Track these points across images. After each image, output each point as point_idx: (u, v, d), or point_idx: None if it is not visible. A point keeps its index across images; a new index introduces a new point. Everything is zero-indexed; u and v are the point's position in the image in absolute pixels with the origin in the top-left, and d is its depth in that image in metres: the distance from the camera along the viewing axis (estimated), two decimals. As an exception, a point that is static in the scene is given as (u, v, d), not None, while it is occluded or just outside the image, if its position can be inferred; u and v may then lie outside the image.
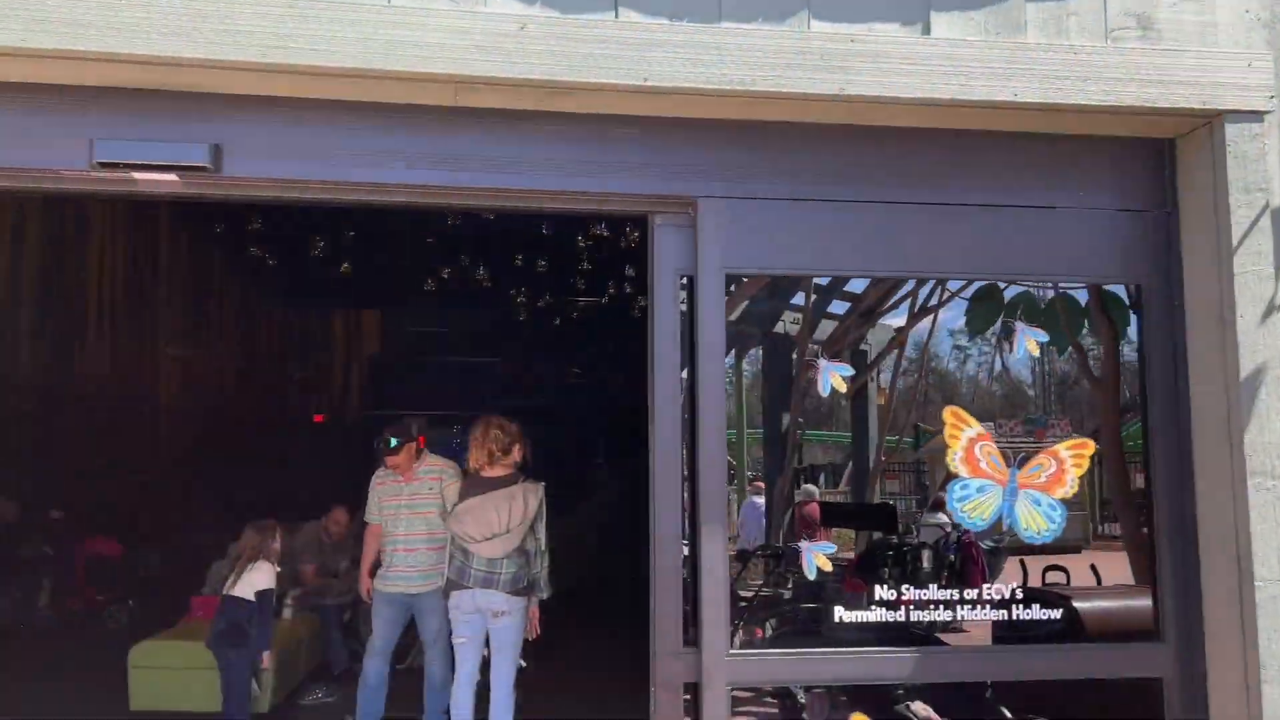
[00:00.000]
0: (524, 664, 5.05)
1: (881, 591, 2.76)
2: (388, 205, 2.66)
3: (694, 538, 2.60)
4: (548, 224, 14.84)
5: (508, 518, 4.88)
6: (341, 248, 16.77)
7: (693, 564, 2.59)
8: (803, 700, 3.61)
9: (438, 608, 5.51)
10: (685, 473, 2.66)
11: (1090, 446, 2.83)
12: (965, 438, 2.77)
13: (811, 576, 2.73)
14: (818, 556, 2.71)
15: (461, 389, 21.02)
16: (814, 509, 9.87)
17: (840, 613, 2.71)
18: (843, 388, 2.74)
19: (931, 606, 2.90)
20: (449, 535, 5.25)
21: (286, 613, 6.65)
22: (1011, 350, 2.86)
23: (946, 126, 2.76)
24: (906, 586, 2.76)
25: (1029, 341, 2.91)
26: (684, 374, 2.69)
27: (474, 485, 5.06)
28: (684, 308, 2.69)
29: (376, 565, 5.64)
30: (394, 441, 5.53)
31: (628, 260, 16.65)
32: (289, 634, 6.34)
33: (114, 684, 6.69)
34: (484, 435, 5.13)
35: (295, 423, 23.14)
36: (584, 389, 23.43)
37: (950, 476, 2.78)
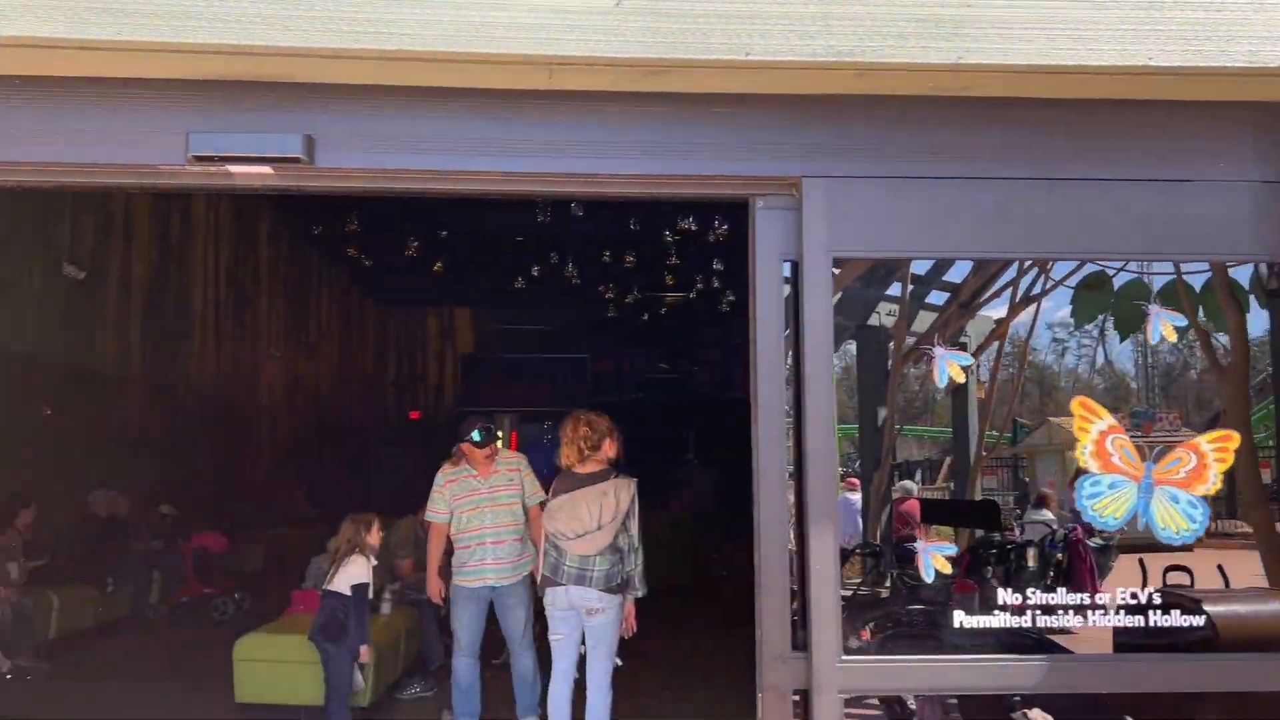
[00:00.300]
0: (620, 662, 4.97)
1: (1005, 595, 2.58)
2: (480, 194, 2.59)
3: (801, 536, 2.47)
4: (636, 219, 14.86)
5: (599, 514, 4.80)
6: (435, 247, 17.03)
7: (800, 564, 2.47)
8: (912, 705, 3.46)
9: (523, 599, 5.63)
10: (790, 468, 2.53)
11: (1235, 439, 2.60)
12: (1096, 430, 2.57)
13: (930, 579, 2.58)
14: (936, 558, 2.55)
15: (551, 385, 21.20)
16: (912, 506, 9.57)
17: (960, 617, 2.54)
18: (961, 377, 2.57)
19: (1057, 611, 2.70)
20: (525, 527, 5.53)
21: (385, 607, 6.71)
22: (1146, 337, 2.64)
23: (1071, 96, 2.56)
24: (1032, 590, 2.57)
25: (1165, 326, 2.68)
26: (788, 364, 2.56)
27: (565, 482, 5.00)
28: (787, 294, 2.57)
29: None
30: (481, 435, 5.54)
31: (715, 254, 16.57)
32: (387, 629, 6.39)
33: (221, 676, 6.88)
34: (574, 431, 5.05)
35: (392, 419, 23.62)
36: (672, 384, 23.40)
37: (1080, 472, 2.59)
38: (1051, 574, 7.66)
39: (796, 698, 2.56)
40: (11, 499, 8.05)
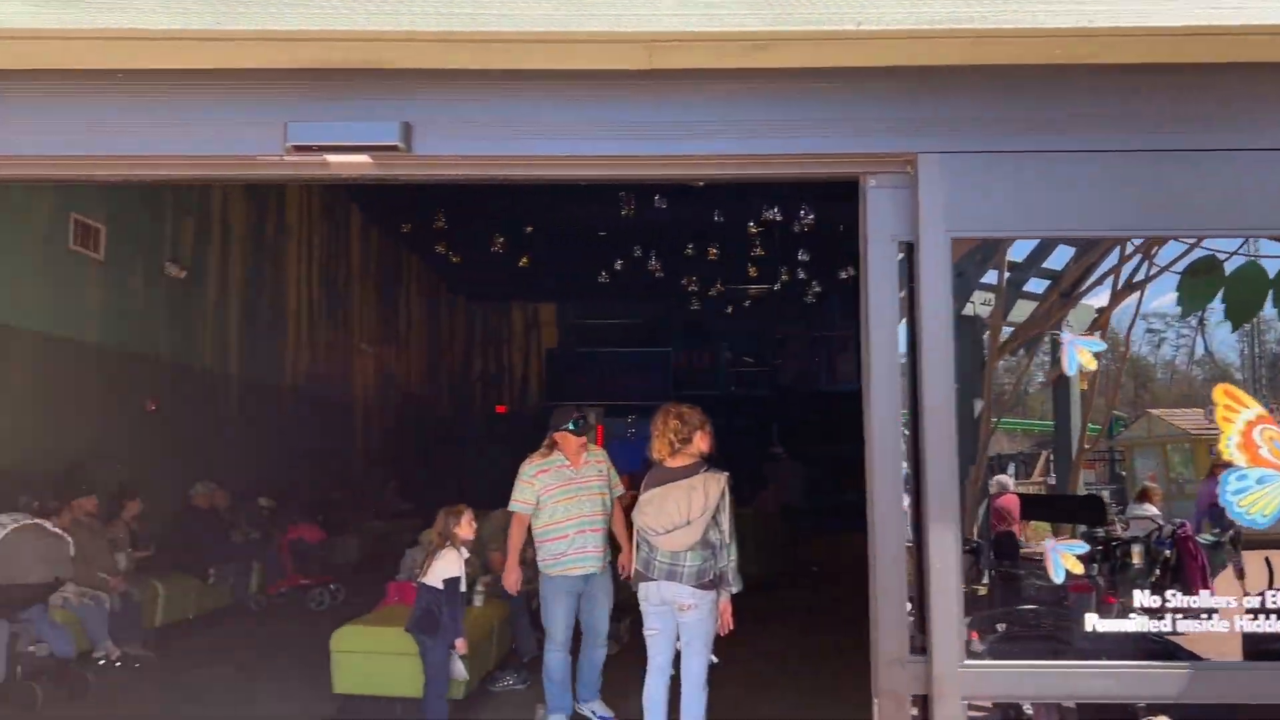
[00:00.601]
0: (716, 659, 4.88)
1: (1142, 598, 2.41)
2: (578, 180, 2.52)
3: (919, 532, 2.34)
4: (720, 210, 14.70)
5: (688, 510, 4.70)
6: (519, 242, 17.13)
7: (918, 561, 2.34)
8: (1028, 710, 3.29)
9: (609, 591, 5.75)
10: (906, 462, 2.40)
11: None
12: (1242, 420, 2.38)
13: (1059, 580, 2.42)
14: (1066, 557, 2.39)
15: (635, 379, 21.19)
16: (1010, 501, 9.22)
17: (1094, 621, 2.38)
18: (1092, 365, 2.40)
19: (1189, 614, 2.52)
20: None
21: (477, 600, 6.73)
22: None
23: (1219, 60, 2.36)
24: (1172, 592, 2.39)
25: (1293, 314, 2.47)
26: (902, 352, 2.43)
27: (655, 476, 4.92)
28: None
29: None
30: (577, 425, 5.58)
31: (801, 244, 16.32)
32: (480, 621, 6.40)
33: (320, 665, 6.99)
34: (664, 424, 4.95)
35: (478, 414, 23.91)
36: (756, 377, 23.17)
37: (1221, 465, 2.40)
38: (1159, 572, 7.33)
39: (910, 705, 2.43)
40: (119, 491, 8.31)
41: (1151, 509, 10.99)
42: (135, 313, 9.25)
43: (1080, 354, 2.39)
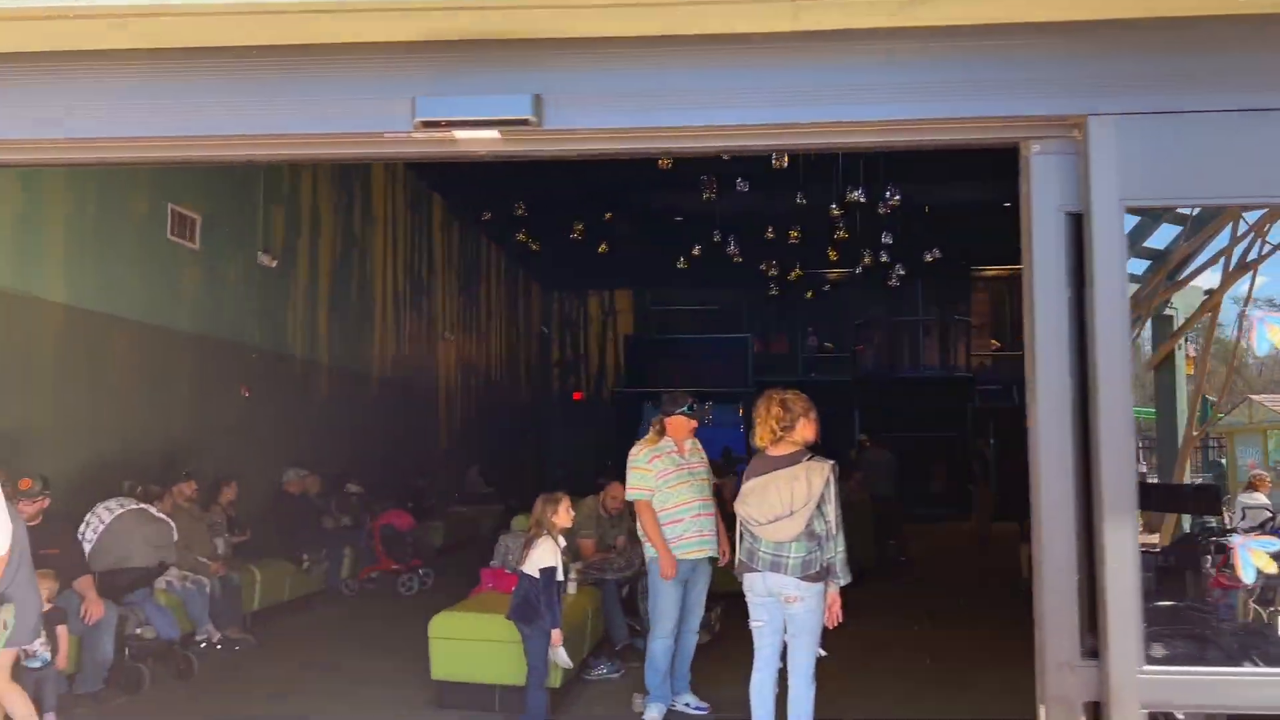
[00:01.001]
0: (824, 653, 4.73)
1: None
2: (715, 152, 2.39)
3: (1091, 527, 2.17)
4: (803, 193, 14.44)
5: (790, 499, 4.53)
6: (598, 229, 17.09)
7: (1088, 559, 2.17)
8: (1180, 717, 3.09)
9: (709, 576, 5.74)
10: (1074, 450, 2.22)
11: None
12: None
13: (1249, 580, 2.23)
14: (1256, 554, 2.20)
15: (714, 365, 21.03)
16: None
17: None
18: (1283, 344, 2.21)
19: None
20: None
21: (570, 587, 6.67)
22: None
23: None
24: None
25: None
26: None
27: (757, 465, 4.78)
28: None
29: None
30: (691, 408, 5.54)
31: (885, 228, 15.97)
32: (574, 609, 6.34)
33: (414, 650, 7.03)
34: (766, 411, 4.78)
35: (556, 400, 24.01)
36: (837, 363, 22.83)
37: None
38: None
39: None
40: (217, 476, 8.46)
41: (1262, 498, 10.49)
42: (229, 301, 9.39)
43: (1271, 331, 2.19)
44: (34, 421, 6.76)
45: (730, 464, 13.21)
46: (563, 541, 5.45)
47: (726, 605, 8.27)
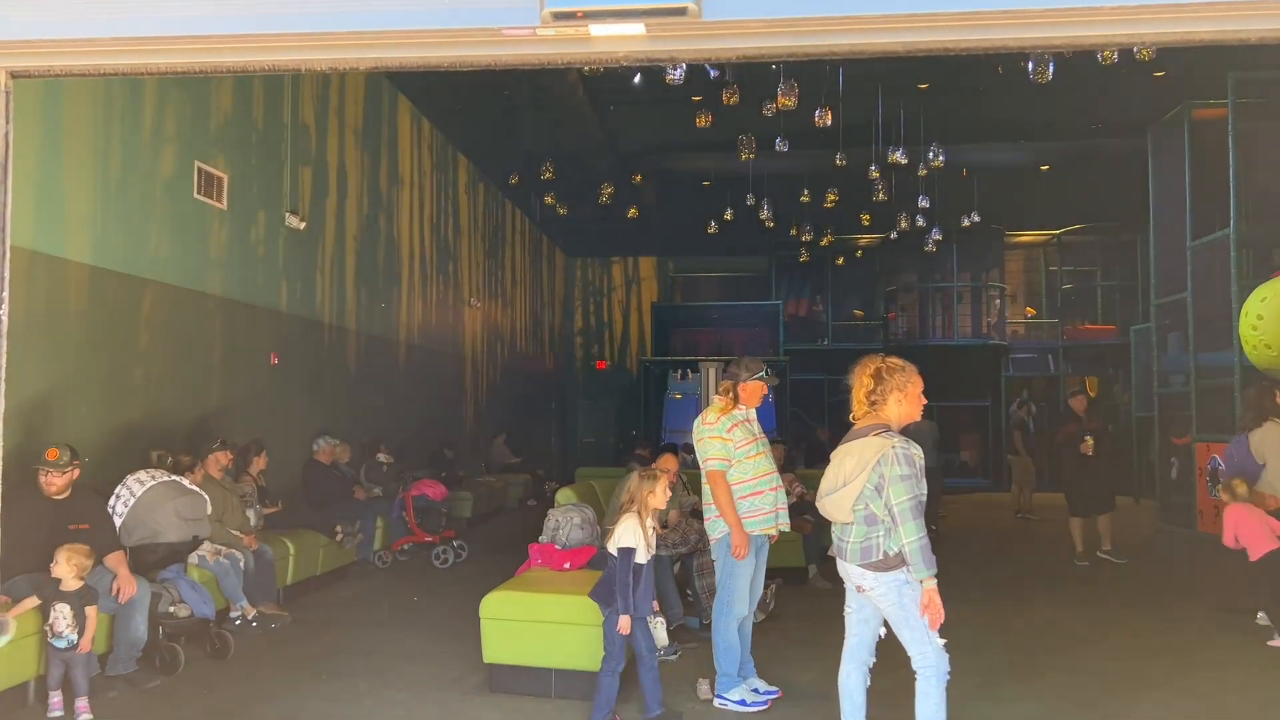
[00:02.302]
0: (941, 641, 4.15)
1: None
2: (902, 48, 1.94)
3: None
4: (842, 154, 13.95)
5: (835, 477, 4.05)
6: (625, 194, 16.65)
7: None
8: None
9: (767, 549, 5.43)
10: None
11: None
12: None
13: None
14: None
15: (744, 333, 20.60)
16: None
17: None
18: None
19: None
20: None
21: (624, 565, 6.31)
22: None
23: None
24: None
25: None
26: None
27: (843, 438, 4.32)
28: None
29: None
30: (768, 373, 5.16)
31: (921, 191, 15.49)
32: (631, 588, 5.98)
33: (457, 626, 6.71)
34: (858, 381, 4.25)
35: (580, 370, 23.69)
36: (868, 329, 22.37)
37: None
38: None
39: None
40: (246, 446, 8.13)
41: None
42: (257, 264, 9.01)
43: None
44: (59, 388, 6.41)
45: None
46: (652, 524, 4.97)
47: (784, 580, 7.97)
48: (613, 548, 4.84)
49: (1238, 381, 11.36)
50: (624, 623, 4.80)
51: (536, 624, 5.47)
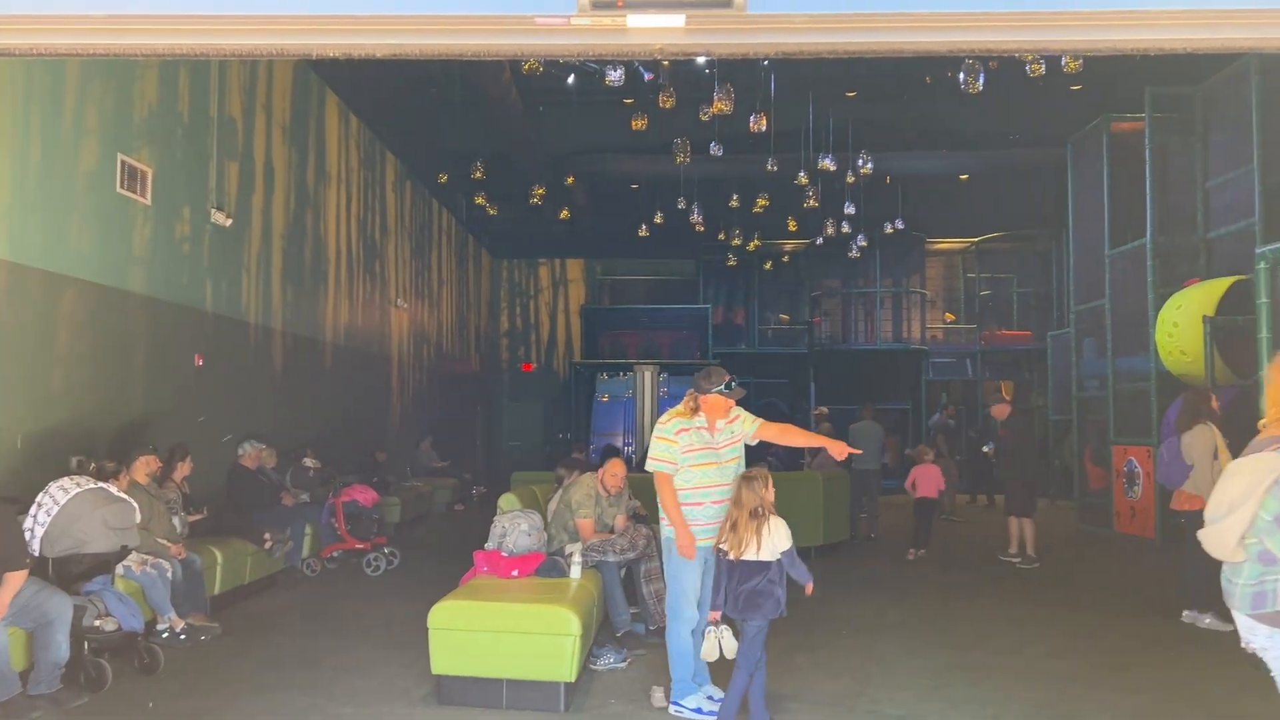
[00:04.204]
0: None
1: None
2: (944, 47, 1.90)
3: None
4: (774, 160, 14.06)
5: (1226, 498, 3.29)
6: (555, 196, 16.53)
7: None
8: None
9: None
10: None
11: None
12: None
13: None
14: None
15: (672, 337, 20.64)
16: None
17: None
18: None
19: None
20: None
21: (575, 570, 6.23)
22: None
23: None
24: None
25: None
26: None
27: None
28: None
29: None
30: (730, 387, 5.10)
31: (847, 198, 15.69)
32: (583, 593, 5.89)
33: (395, 636, 6.52)
34: (1271, 378, 3.50)
35: (506, 372, 23.43)
36: (793, 334, 22.60)
37: None
38: None
39: None
40: (171, 450, 7.79)
41: None
42: (182, 262, 8.66)
43: None
44: (-27, 390, 6.05)
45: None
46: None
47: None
48: (773, 554, 4.77)
49: (1154, 386, 11.78)
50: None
51: (487, 634, 5.33)
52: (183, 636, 6.56)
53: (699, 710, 5.16)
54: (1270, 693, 2.94)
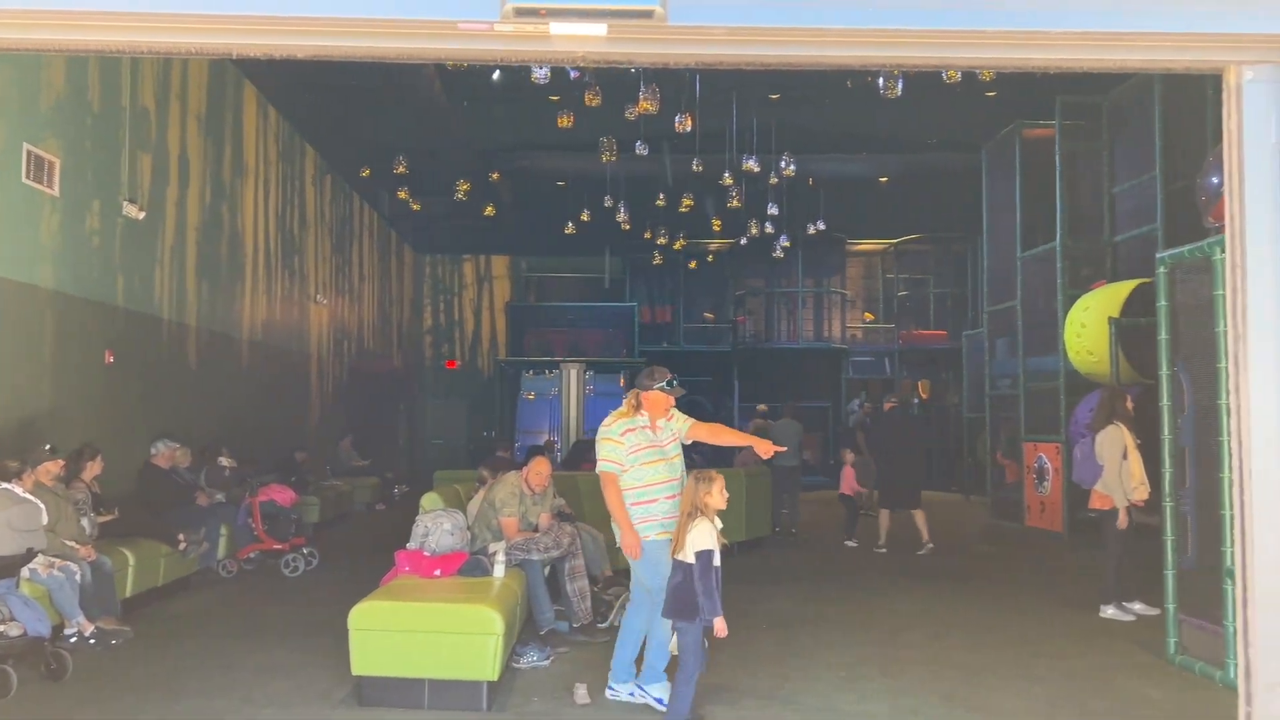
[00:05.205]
0: None
1: None
2: (862, 62, 1.96)
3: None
4: (700, 160, 14.17)
5: None
6: (481, 192, 16.40)
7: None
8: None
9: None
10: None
11: None
12: None
13: None
14: None
15: (599, 335, 20.64)
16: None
17: None
18: None
19: None
20: None
21: (498, 570, 6.22)
22: None
23: None
24: None
25: None
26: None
27: None
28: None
29: None
30: (671, 384, 5.17)
31: (771, 199, 15.89)
32: (505, 592, 5.88)
33: (314, 640, 6.43)
34: None
35: (429, 369, 23.18)
36: (717, 332, 22.81)
37: None
38: None
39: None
40: (80, 449, 7.57)
41: None
42: (92, 256, 8.41)
43: None
44: None
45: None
46: (719, 523, 4.89)
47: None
48: (688, 554, 4.72)
49: (1062, 385, 12.18)
50: (719, 625, 4.67)
51: (409, 634, 5.30)
52: (92, 641, 6.38)
53: (660, 700, 5.17)
54: (1166, 676, 3.08)
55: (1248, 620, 1.95)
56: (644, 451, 5.22)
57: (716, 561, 4.79)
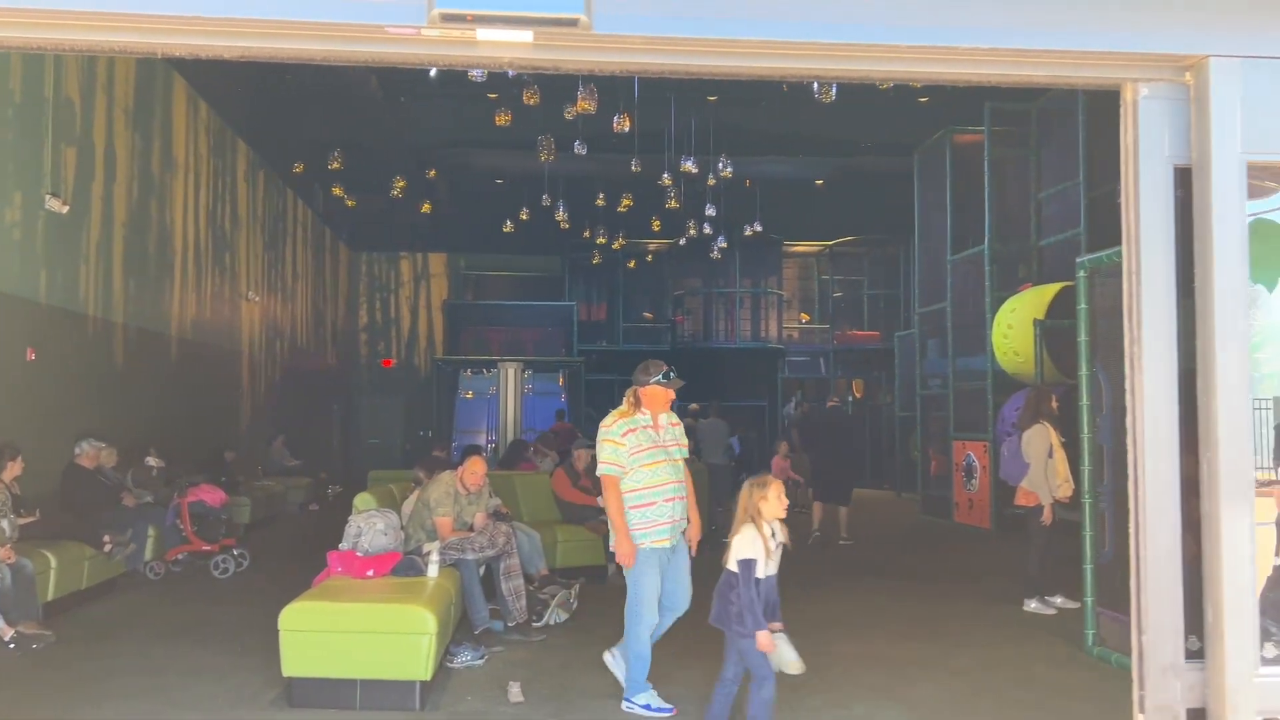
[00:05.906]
0: None
1: None
2: (784, 73, 2.02)
3: (1206, 513, 1.98)
4: (638, 160, 14.23)
5: None
6: (417, 189, 16.28)
7: (1194, 549, 1.99)
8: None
9: (686, 549, 5.26)
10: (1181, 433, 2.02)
11: None
12: None
13: None
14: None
15: (537, 333, 20.61)
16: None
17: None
18: None
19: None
20: None
21: (432, 570, 6.20)
22: None
23: None
24: None
25: None
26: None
27: None
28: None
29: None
30: (669, 376, 5.06)
31: (708, 200, 16.03)
32: (439, 592, 5.87)
33: (245, 641, 6.35)
34: None
35: (365, 368, 22.92)
36: (656, 332, 22.92)
37: None
38: None
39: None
40: (0, 449, 7.36)
41: None
42: (13, 250, 8.19)
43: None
44: None
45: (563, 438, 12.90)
46: (778, 530, 4.49)
47: (586, 579, 8.03)
48: (731, 563, 4.42)
49: (990, 385, 12.48)
50: (763, 639, 4.34)
51: (341, 634, 5.26)
52: (12, 645, 6.24)
53: (648, 707, 5.11)
54: (1084, 667, 3.21)
55: (1141, 607, 2.06)
56: (646, 452, 5.02)
57: (764, 571, 4.42)
